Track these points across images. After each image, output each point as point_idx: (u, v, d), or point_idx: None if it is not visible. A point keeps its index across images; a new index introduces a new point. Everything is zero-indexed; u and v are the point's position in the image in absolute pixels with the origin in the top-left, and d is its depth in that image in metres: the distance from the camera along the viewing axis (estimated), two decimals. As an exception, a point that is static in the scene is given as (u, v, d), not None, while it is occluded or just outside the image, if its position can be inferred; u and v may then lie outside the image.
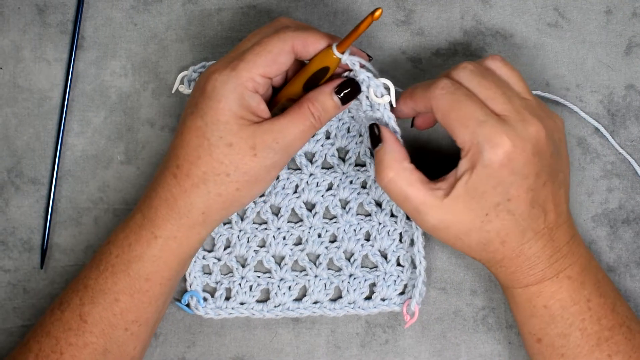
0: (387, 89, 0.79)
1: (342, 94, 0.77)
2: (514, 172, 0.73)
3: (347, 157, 0.86)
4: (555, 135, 0.76)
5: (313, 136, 0.86)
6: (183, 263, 0.79)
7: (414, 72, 0.88)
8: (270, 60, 0.75)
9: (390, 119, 0.79)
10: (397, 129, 0.79)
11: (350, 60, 0.77)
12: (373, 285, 0.86)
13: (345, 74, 0.79)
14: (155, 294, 0.78)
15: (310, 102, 0.77)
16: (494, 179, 0.73)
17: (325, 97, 0.77)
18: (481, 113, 0.73)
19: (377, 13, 0.72)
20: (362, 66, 0.78)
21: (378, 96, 0.79)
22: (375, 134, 0.79)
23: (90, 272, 0.78)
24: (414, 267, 0.86)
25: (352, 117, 0.84)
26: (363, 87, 0.78)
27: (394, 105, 0.79)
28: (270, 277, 0.86)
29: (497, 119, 0.73)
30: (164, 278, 0.78)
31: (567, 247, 0.77)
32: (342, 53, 0.76)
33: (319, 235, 0.86)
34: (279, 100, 0.79)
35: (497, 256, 0.76)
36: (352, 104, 0.81)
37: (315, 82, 0.77)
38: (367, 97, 0.79)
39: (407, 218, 0.85)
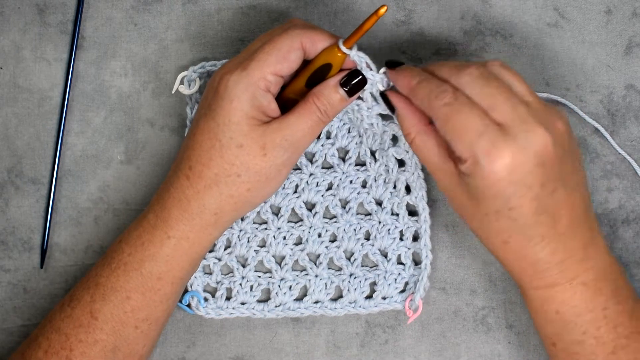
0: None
1: (349, 86, 0.77)
2: (514, 183, 0.71)
3: (347, 157, 0.86)
4: (564, 137, 0.73)
5: (320, 134, 0.86)
6: (194, 263, 0.79)
7: (414, 72, 0.88)
8: (280, 58, 0.75)
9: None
10: None
11: (357, 56, 0.77)
12: (374, 284, 0.86)
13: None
14: (167, 293, 0.79)
15: (316, 97, 0.77)
16: (492, 189, 0.71)
17: (331, 90, 0.77)
18: (480, 124, 0.70)
19: (382, 10, 0.73)
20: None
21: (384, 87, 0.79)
22: (388, 102, 0.78)
23: (101, 270, 0.79)
24: (416, 264, 0.86)
25: (350, 119, 0.85)
26: (368, 83, 0.78)
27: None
28: (270, 277, 0.86)
29: (498, 130, 0.70)
30: (175, 277, 0.79)
31: (582, 251, 0.75)
32: (349, 49, 0.76)
33: (319, 235, 0.86)
34: (284, 98, 0.79)
35: (500, 254, 0.75)
36: (349, 106, 0.81)
37: (317, 80, 0.77)
38: (371, 94, 0.79)
39: (410, 214, 0.86)
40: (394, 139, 0.84)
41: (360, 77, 0.77)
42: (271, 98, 0.76)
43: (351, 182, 0.86)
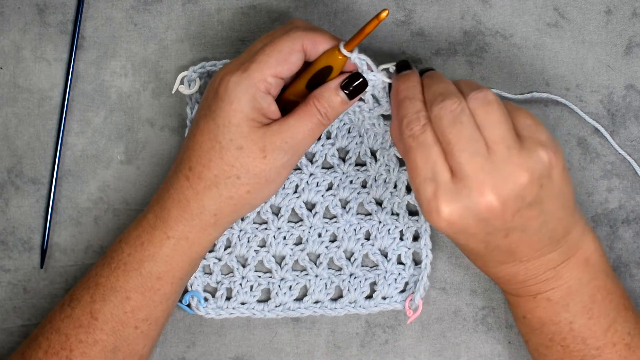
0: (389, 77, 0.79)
1: (349, 89, 0.77)
2: (454, 232, 0.70)
3: (347, 157, 0.86)
4: (528, 190, 0.69)
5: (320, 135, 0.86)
6: (194, 263, 0.80)
7: (414, 72, 0.88)
8: (281, 60, 0.75)
9: None
10: None
11: (358, 59, 0.77)
12: (374, 284, 0.86)
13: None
14: (166, 293, 0.79)
15: (317, 99, 0.77)
16: (438, 228, 0.71)
17: (331, 93, 0.77)
18: (431, 169, 0.69)
19: (383, 14, 0.73)
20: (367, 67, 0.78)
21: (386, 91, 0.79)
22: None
23: (101, 270, 0.79)
24: (416, 264, 0.86)
25: (351, 119, 0.85)
26: (369, 85, 0.78)
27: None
28: (270, 277, 0.86)
29: (447, 179, 0.69)
30: (175, 277, 0.79)
31: (551, 272, 0.74)
32: (350, 52, 0.76)
33: (319, 235, 0.86)
34: (284, 100, 0.79)
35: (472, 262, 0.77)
36: (350, 108, 0.81)
37: (318, 82, 0.77)
38: (373, 95, 0.79)
39: (410, 214, 0.86)
40: (395, 139, 0.84)
41: (361, 79, 0.77)
42: (271, 100, 0.76)
43: (351, 182, 0.86)
